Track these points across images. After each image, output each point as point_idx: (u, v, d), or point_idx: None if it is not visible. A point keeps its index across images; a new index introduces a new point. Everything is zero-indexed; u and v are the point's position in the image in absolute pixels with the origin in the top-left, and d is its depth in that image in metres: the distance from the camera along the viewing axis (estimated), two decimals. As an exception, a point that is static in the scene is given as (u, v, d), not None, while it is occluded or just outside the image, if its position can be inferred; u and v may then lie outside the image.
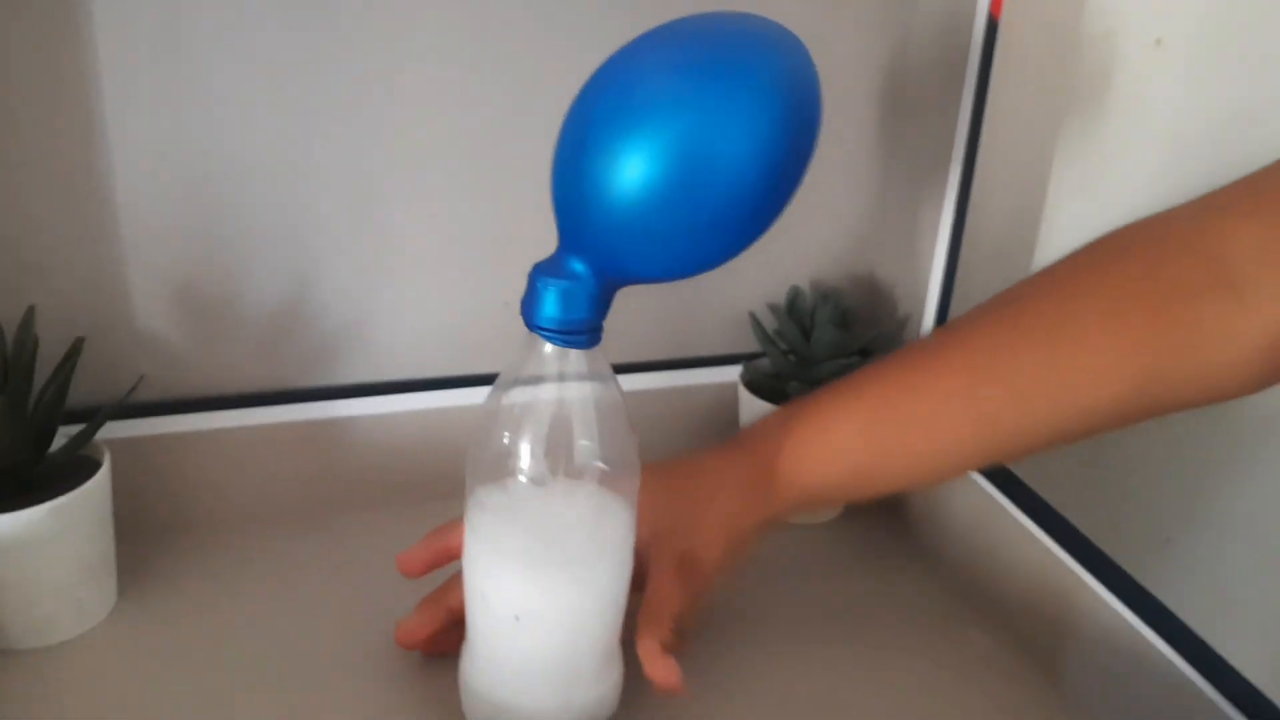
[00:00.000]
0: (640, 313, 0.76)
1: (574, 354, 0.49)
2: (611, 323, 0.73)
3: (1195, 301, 0.49)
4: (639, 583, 0.55)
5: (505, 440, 0.50)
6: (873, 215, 0.79)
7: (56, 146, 0.62)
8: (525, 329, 0.48)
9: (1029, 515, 0.64)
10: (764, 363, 0.76)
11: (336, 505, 0.73)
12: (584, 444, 0.51)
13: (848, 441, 0.57)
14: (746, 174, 0.47)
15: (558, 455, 0.51)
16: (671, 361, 0.79)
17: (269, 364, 0.70)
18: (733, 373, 0.77)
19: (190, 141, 0.64)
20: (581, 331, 0.48)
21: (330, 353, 0.71)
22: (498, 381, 0.50)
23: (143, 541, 0.68)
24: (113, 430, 0.67)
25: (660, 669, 0.52)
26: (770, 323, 0.77)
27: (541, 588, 0.51)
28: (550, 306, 0.47)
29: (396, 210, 0.69)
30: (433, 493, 0.69)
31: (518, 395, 0.50)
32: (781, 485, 0.57)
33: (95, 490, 0.60)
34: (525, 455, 0.50)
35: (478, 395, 0.50)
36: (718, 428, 0.79)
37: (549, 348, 0.48)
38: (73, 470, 0.60)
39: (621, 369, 0.76)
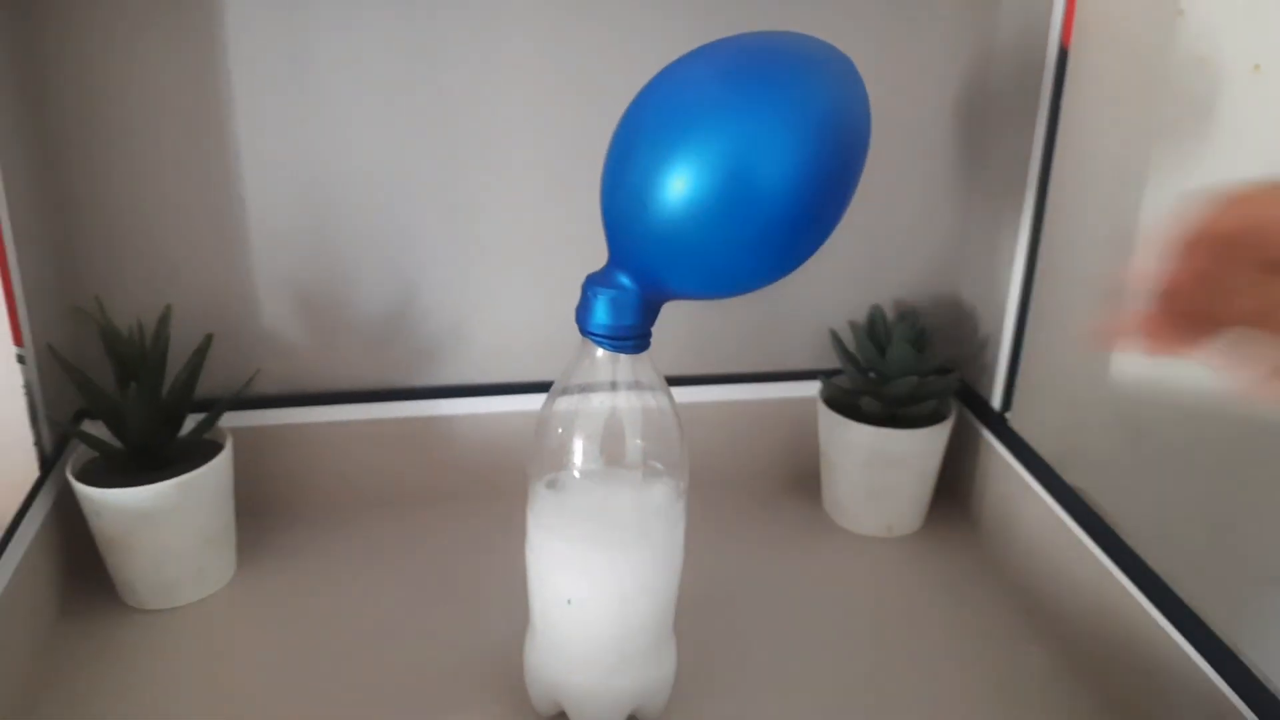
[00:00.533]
0: (727, 326, 0.80)
1: (624, 360, 0.53)
2: (697, 335, 0.77)
3: None
4: None
5: (561, 437, 0.54)
6: (956, 237, 0.80)
7: (198, 163, 0.70)
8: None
9: (1092, 537, 0.64)
10: (841, 378, 0.79)
11: (434, 495, 0.79)
12: (635, 443, 0.55)
13: None
14: (788, 194, 0.48)
15: (610, 452, 0.55)
16: (757, 374, 0.82)
17: (376, 363, 0.77)
18: (815, 387, 0.80)
19: (310, 159, 0.71)
20: (629, 338, 0.52)
21: (431, 355, 0.78)
22: (555, 385, 0.55)
23: (261, 521, 0.76)
24: (238, 419, 0.74)
25: None
26: (850, 340, 0.79)
27: (590, 573, 0.55)
28: (600, 313, 0.51)
29: (491, 222, 0.74)
30: (522, 488, 0.74)
31: (573, 397, 0.54)
32: None
33: (217, 470, 0.67)
34: (579, 451, 0.54)
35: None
36: (800, 440, 0.82)
37: (600, 353, 0.52)
38: (200, 452, 0.68)
39: (707, 380, 0.81)
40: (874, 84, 0.54)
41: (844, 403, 0.77)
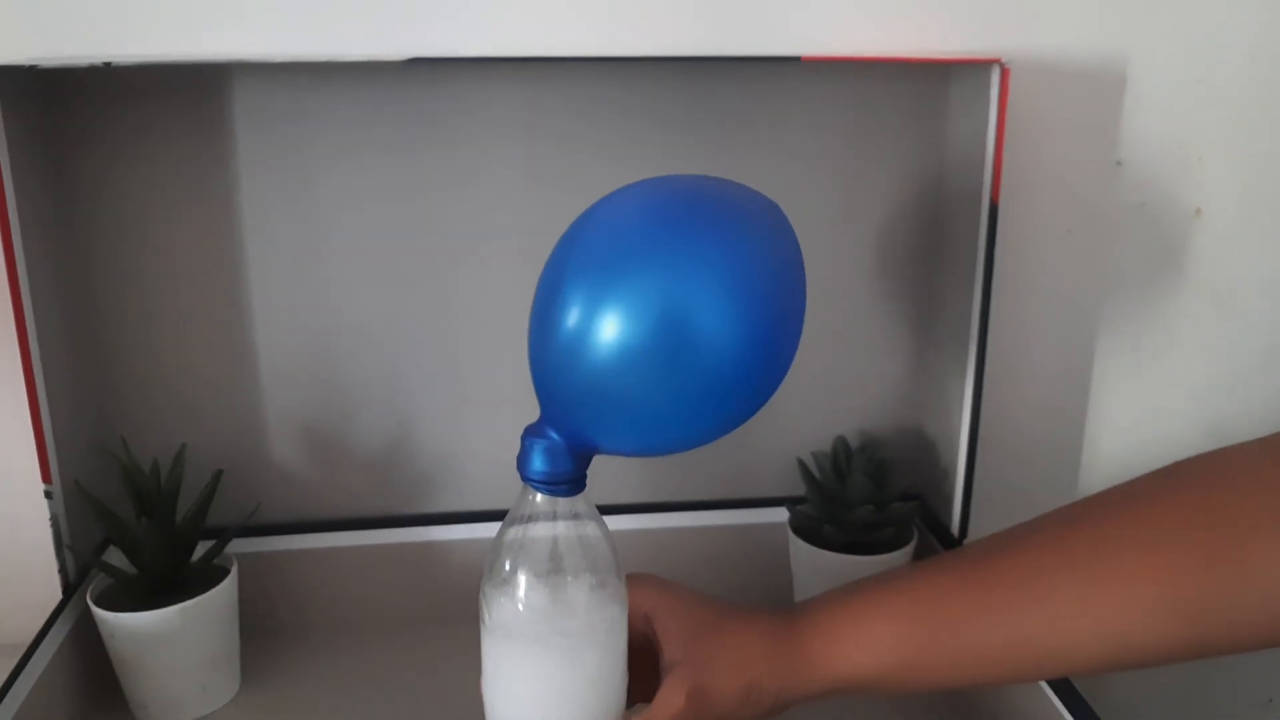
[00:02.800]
0: (699, 453, 0.85)
1: (562, 500, 0.58)
2: (669, 461, 0.83)
3: (1252, 537, 0.47)
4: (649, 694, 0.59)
5: (507, 568, 0.60)
6: (915, 369, 0.85)
7: (214, 313, 0.78)
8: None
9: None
10: (808, 506, 0.83)
11: (433, 617, 0.84)
12: (575, 574, 0.60)
13: (880, 637, 0.56)
14: (728, 342, 0.48)
15: (552, 578, 0.60)
16: (732, 500, 0.87)
17: (376, 493, 0.84)
18: (783, 513, 0.84)
19: (315, 309, 0.79)
20: (564, 483, 0.57)
21: (427, 484, 0.84)
22: (505, 520, 0.60)
23: (266, 641, 0.82)
24: (246, 545, 0.81)
25: None
26: (815, 469, 0.83)
27: (535, 667, 0.58)
28: (536, 462, 0.57)
29: (482, 364, 0.81)
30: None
31: (518, 531, 0.59)
32: (809, 664, 0.57)
33: (221, 596, 0.74)
34: (522, 582, 0.60)
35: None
36: (770, 567, 0.86)
37: (541, 496, 0.58)
38: (211, 576, 0.74)
39: (678, 506, 0.86)
40: (832, 228, 0.57)
41: (810, 530, 0.81)
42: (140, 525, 0.71)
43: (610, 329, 0.48)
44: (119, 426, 0.79)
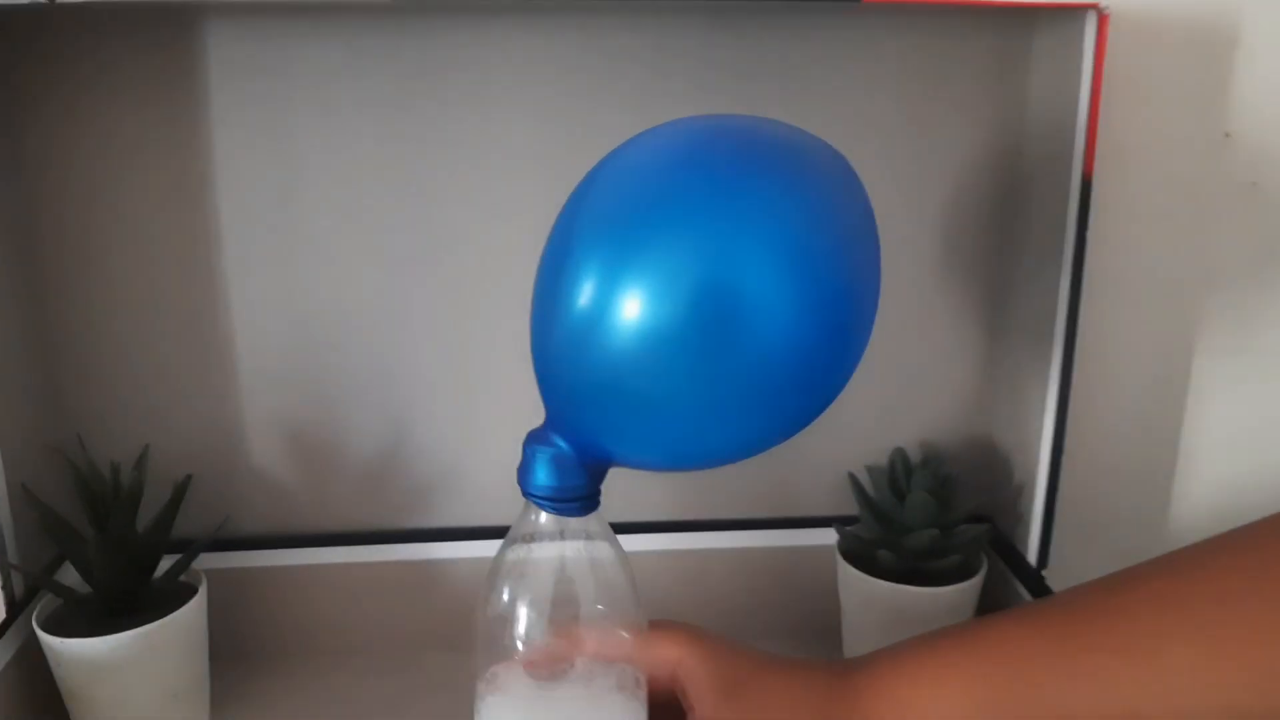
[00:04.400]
0: (736, 469, 0.77)
1: (572, 521, 0.50)
2: (702, 475, 0.74)
3: None
4: None
5: (505, 599, 0.52)
6: (985, 373, 0.76)
7: (184, 299, 0.71)
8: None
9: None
10: (860, 527, 0.74)
11: (428, 644, 0.77)
12: (587, 606, 0.52)
13: (954, 706, 0.50)
14: (783, 325, 0.40)
15: (557, 614, 0.52)
16: (771, 520, 0.78)
17: (367, 504, 0.76)
18: (832, 535, 0.75)
19: (299, 295, 0.71)
20: (572, 500, 0.49)
21: (426, 495, 0.76)
22: (504, 541, 0.52)
23: (239, 669, 0.75)
24: (219, 561, 0.74)
25: None
26: (869, 486, 0.75)
27: None
28: (539, 474, 0.49)
29: (488, 357, 0.73)
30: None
31: (518, 554, 0.51)
32: None
33: (185, 618, 0.66)
34: (522, 617, 0.52)
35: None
36: (815, 596, 0.77)
37: (545, 515, 0.50)
38: (175, 596, 0.67)
39: (707, 525, 0.77)
40: (889, 203, 0.50)
41: (862, 554, 0.72)
42: (94, 537, 0.63)
43: (630, 309, 0.40)
44: (74, 425, 0.71)
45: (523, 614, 0.51)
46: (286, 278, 0.71)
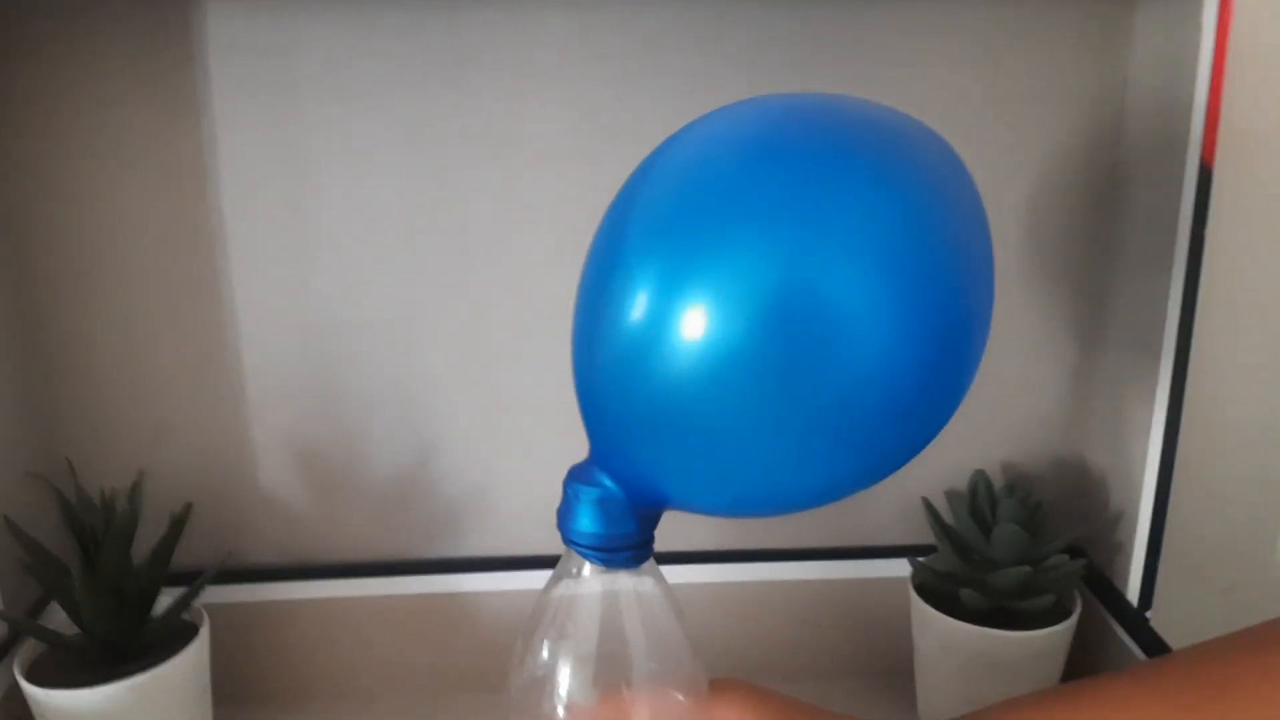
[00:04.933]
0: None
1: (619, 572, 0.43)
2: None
3: None
4: None
5: (544, 658, 0.45)
6: (1078, 388, 0.69)
7: (187, 310, 0.65)
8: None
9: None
10: (936, 558, 0.67)
11: (452, 685, 0.71)
12: (638, 665, 0.45)
13: None
14: (875, 356, 0.34)
15: (606, 678, 0.45)
16: (835, 550, 0.71)
17: (387, 532, 0.70)
18: (904, 567, 0.68)
19: (312, 304, 0.65)
20: (623, 549, 0.42)
21: (451, 522, 0.70)
22: (542, 592, 0.45)
23: (246, 713, 0.69)
24: (226, 595, 0.68)
25: None
26: (947, 513, 0.67)
27: None
28: (582, 520, 0.42)
29: (516, 374, 0.67)
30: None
31: (559, 608, 0.45)
32: None
33: (186, 664, 0.60)
34: (564, 681, 0.45)
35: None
36: (887, 633, 0.70)
37: (588, 563, 0.43)
38: (175, 638, 0.61)
39: (765, 555, 0.70)
40: None
41: (940, 590, 0.65)
42: (81, 575, 0.57)
43: (693, 325, 0.34)
44: (62, 449, 0.65)
45: (564, 675, 0.45)
46: (296, 284, 0.65)
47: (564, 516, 0.43)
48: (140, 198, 0.62)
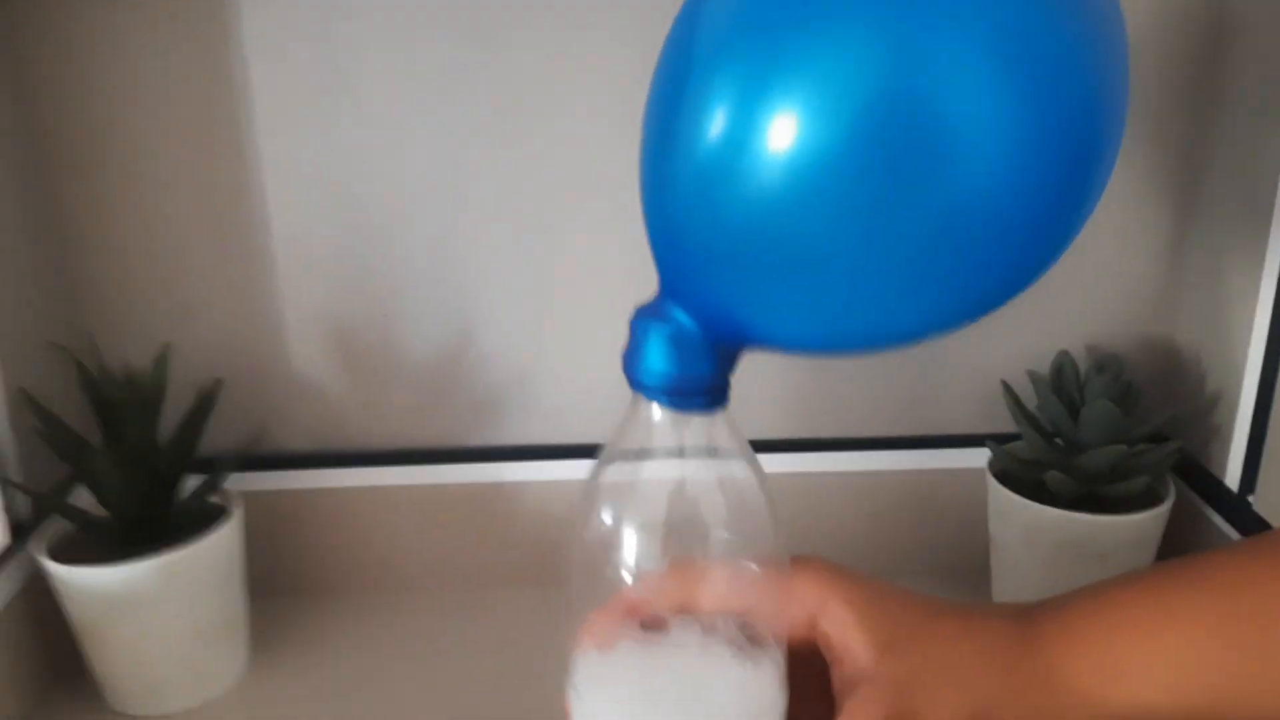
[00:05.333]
0: (865, 375, 0.65)
1: (694, 421, 0.39)
2: (824, 386, 0.63)
3: None
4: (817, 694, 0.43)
5: (607, 523, 0.41)
6: (1169, 263, 0.64)
7: (212, 178, 0.60)
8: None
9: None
10: (1019, 446, 0.63)
11: (494, 576, 0.68)
12: (714, 533, 0.41)
13: (1181, 661, 0.40)
14: (992, 161, 0.30)
15: (677, 543, 0.41)
16: (905, 439, 0.67)
17: (425, 417, 0.66)
18: (980, 456, 0.64)
19: (347, 171, 0.61)
20: (698, 392, 0.38)
21: (492, 408, 0.66)
22: (603, 451, 0.41)
23: (280, 606, 0.66)
24: (256, 482, 0.64)
25: None
26: (1029, 396, 0.63)
27: (648, 673, 0.41)
28: (653, 357, 0.38)
29: (566, 246, 0.63)
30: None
31: (624, 468, 0.41)
32: (1069, 697, 0.40)
33: (216, 546, 0.57)
34: (631, 545, 0.41)
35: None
36: (961, 526, 0.66)
37: (660, 412, 0.39)
38: (204, 520, 0.58)
39: (839, 445, 0.66)
40: None
41: (1022, 477, 0.61)
42: (105, 447, 0.53)
43: (781, 134, 0.30)
44: (84, 324, 0.62)
45: (631, 539, 0.41)
46: (330, 148, 0.60)
47: (631, 358, 0.39)
48: (161, 50, 0.58)
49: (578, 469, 0.66)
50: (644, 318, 0.38)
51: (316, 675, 0.60)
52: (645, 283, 0.43)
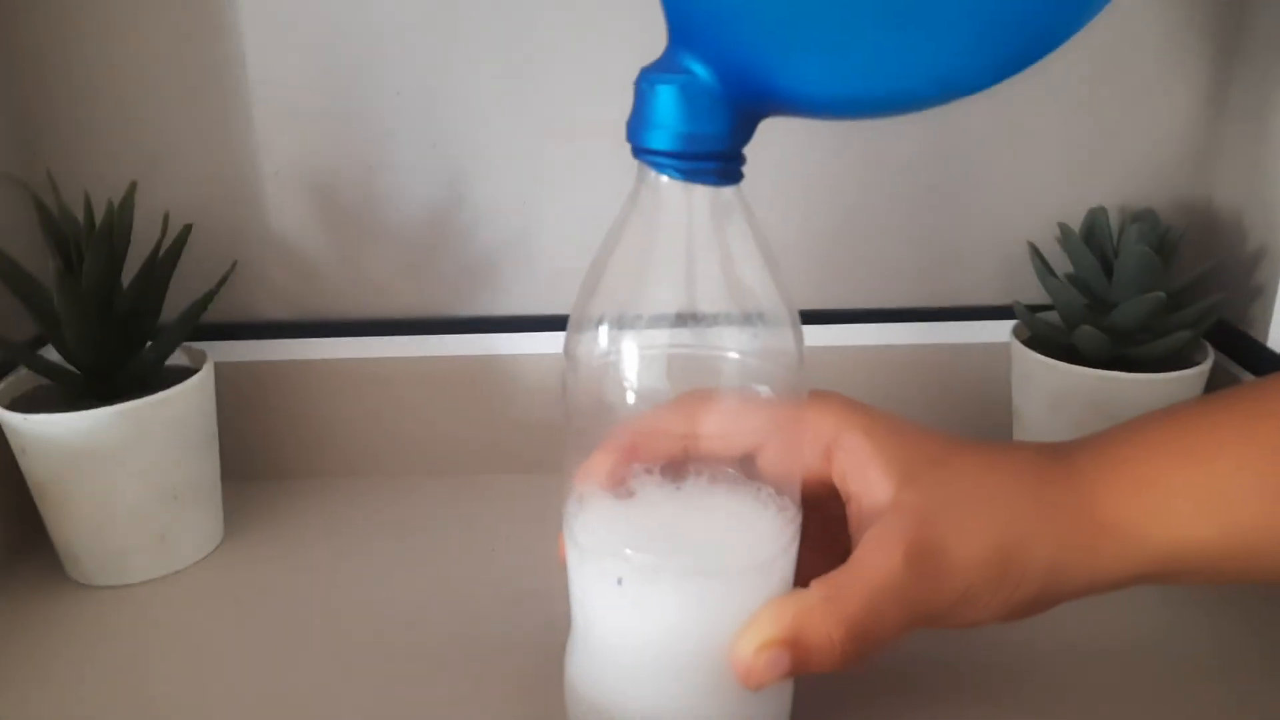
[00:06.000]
0: (873, 242, 0.62)
1: (701, 199, 0.35)
2: (833, 254, 0.59)
3: None
4: (828, 545, 0.40)
5: (604, 338, 0.38)
6: (1208, 118, 0.60)
7: (178, 5, 0.56)
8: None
9: None
10: (1046, 315, 0.59)
11: (486, 455, 0.64)
12: (720, 341, 0.38)
13: (1230, 490, 0.37)
14: None
15: (682, 349, 0.38)
16: (923, 310, 0.63)
17: (414, 283, 0.62)
18: (1001, 329, 0.60)
19: (329, 5, 0.56)
20: (712, 157, 0.35)
21: (489, 272, 0.62)
22: (605, 238, 0.38)
23: (255, 485, 0.62)
24: (231, 351, 0.61)
25: (764, 659, 0.36)
26: (1058, 258, 0.59)
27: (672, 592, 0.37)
28: (663, 113, 0.34)
29: (567, 87, 0.58)
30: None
31: (623, 257, 0.37)
32: (1108, 531, 0.37)
33: (186, 398, 0.53)
34: (630, 356, 0.37)
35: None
36: (983, 401, 0.63)
37: (666, 189, 0.35)
38: (178, 378, 0.54)
39: (847, 316, 0.62)
40: None
41: (1049, 341, 0.57)
42: (61, 283, 0.49)
43: None
44: (41, 164, 0.57)
45: (631, 351, 0.37)
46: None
47: (636, 121, 0.35)
48: None
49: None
50: (651, 75, 0.34)
51: (292, 557, 0.57)
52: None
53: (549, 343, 0.62)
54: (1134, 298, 0.53)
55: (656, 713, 0.38)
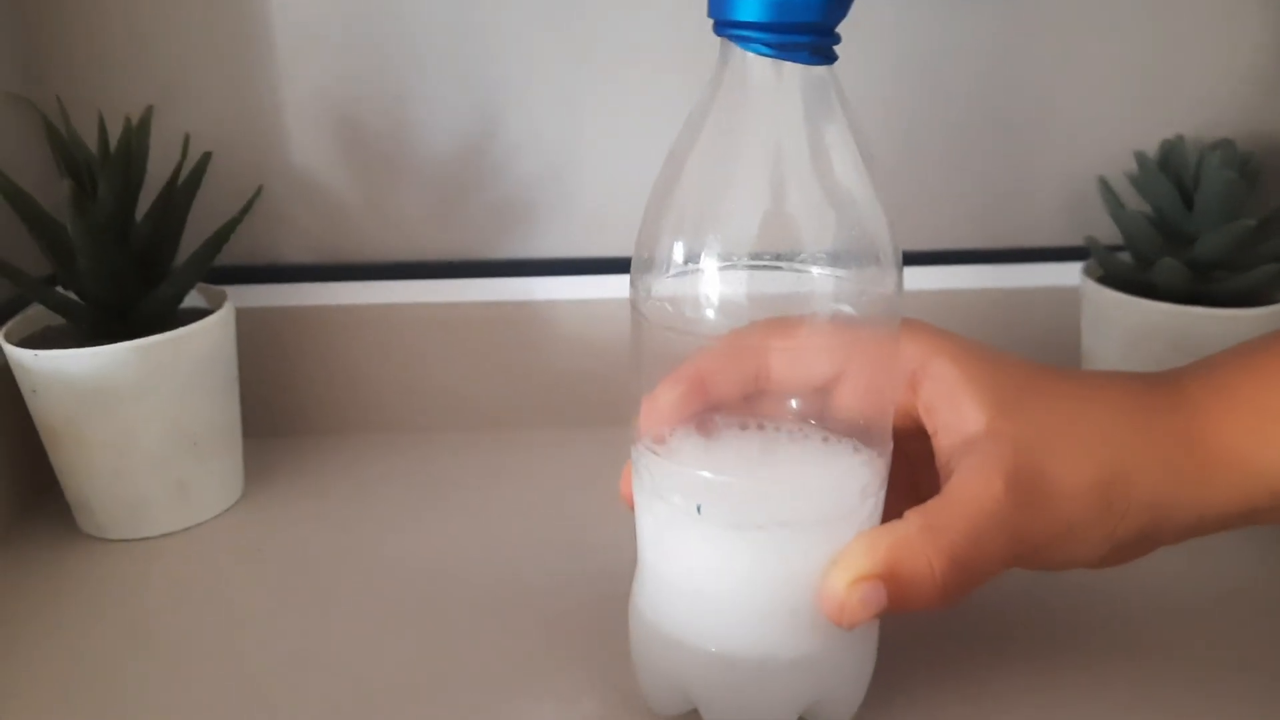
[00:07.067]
0: (934, 184, 0.59)
1: (792, 80, 0.33)
2: (888, 193, 0.56)
3: None
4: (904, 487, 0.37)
5: (679, 252, 0.35)
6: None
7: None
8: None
9: None
10: (1119, 258, 0.56)
11: (521, 406, 0.61)
12: (812, 251, 0.35)
13: None
14: None
15: (772, 256, 0.35)
16: (988, 252, 0.60)
17: (445, 224, 0.59)
18: (1069, 272, 0.57)
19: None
20: (807, 30, 0.32)
21: (523, 214, 0.59)
22: (678, 138, 0.35)
23: (278, 438, 0.59)
24: (254, 296, 0.58)
25: (859, 594, 0.33)
26: (1129, 194, 0.56)
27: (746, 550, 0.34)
28: (750, -16, 0.31)
29: (616, 15, 0.55)
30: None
31: (704, 155, 0.34)
32: (1216, 461, 0.35)
33: (204, 338, 0.50)
34: (711, 265, 0.34)
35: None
36: (1048, 346, 0.60)
37: (754, 69, 0.32)
38: (193, 314, 0.51)
39: (913, 259, 0.59)
40: None
41: (1122, 279, 0.55)
42: (74, 208, 0.46)
43: None
44: (51, 89, 0.54)
45: (712, 266, 0.34)
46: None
47: (717, -2, 0.32)
48: None
49: (622, 286, 0.59)
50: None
51: (314, 504, 0.54)
52: (704, 58, 0.35)
53: (588, 287, 0.59)
54: (1217, 228, 0.51)
55: (732, 647, 0.35)
